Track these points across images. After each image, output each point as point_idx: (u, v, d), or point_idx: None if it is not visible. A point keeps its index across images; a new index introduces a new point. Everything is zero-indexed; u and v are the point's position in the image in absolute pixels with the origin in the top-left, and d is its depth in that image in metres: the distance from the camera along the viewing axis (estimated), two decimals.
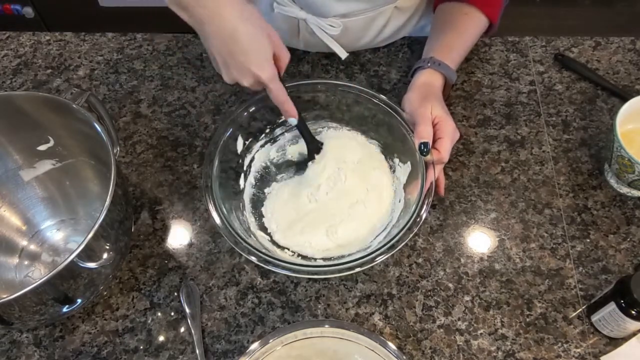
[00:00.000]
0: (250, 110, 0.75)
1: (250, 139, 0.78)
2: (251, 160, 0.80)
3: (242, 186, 0.78)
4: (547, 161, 0.82)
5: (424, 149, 0.69)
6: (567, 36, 0.95)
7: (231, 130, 0.74)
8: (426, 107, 0.72)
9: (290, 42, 0.93)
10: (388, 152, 0.78)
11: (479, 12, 0.80)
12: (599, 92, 0.89)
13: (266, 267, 0.64)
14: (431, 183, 0.68)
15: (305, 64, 0.93)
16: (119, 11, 1.68)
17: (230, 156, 0.75)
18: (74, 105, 0.67)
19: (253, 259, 0.64)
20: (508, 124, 0.86)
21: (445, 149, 0.71)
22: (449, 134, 0.72)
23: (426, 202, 0.67)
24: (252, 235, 0.72)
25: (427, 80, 0.77)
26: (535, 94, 0.89)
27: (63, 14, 1.74)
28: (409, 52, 0.94)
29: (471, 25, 0.81)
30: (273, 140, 0.81)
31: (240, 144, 0.77)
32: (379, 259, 0.64)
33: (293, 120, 0.71)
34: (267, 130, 0.80)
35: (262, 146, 0.80)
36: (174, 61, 0.95)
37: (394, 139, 0.77)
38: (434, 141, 0.72)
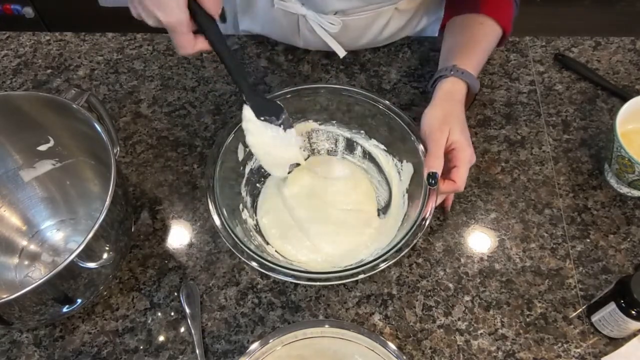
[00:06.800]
0: None
1: None
2: (252, 167, 0.79)
3: (243, 192, 0.78)
4: (547, 161, 0.82)
5: (432, 180, 0.67)
6: (567, 36, 0.95)
7: (232, 137, 0.73)
8: (443, 132, 0.70)
9: (291, 40, 0.93)
10: (390, 153, 0.78)
11: (493, 22, 0.80)
12: (599, 92, 0.89)
13: (267, 272, 0.63)
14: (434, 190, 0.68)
15: (305, 64, 0.94)
16: (119, 11, 1.67)
17: (232, 163, 0.75)
18: (74, 105, 0.67)
19: (254, 264, 0.64)
20: (508, 124, 0.86)
21: (461, 179, 0.69)
22: (465, 162, 0.69)
23: (430, 207, 0.66)
24: (252, 242, 0.72)
25: (451, 90, 0.75)
26: (535, 94, 0.89)
27: (63, 14, 1.74)
28: (409, 52, 0.94)
29: (488, 34, 0.81)
30: None
31: (241, 152, 0.76)
32: (383, 265, 0.63)
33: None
34: None
35: None
36: (174, 61, 0.95)
37: (394, 140, 0.76)
38: (450, 168, 0.70)
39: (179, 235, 0.77)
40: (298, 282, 0.66)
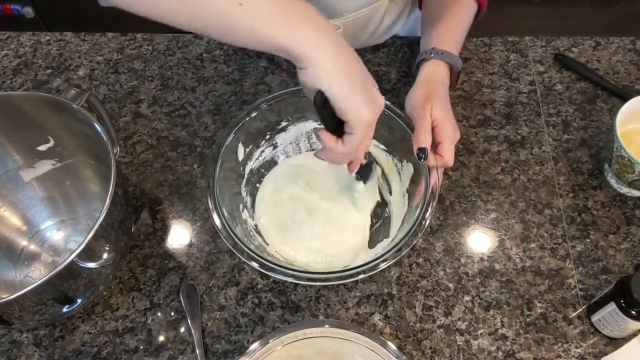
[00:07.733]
0: (252, 116, 0.75)
1: (250, 146, 0.78)
2: (252, 168, 0.79)
3: (243, 193, 0.77)
4: (547, 161, 0.82)
5: (421, 154, 0.69)
6: (567, 36, 0.95)
7: (232, 137, 0.73)
8: (425, 109, 0.71)
9: None
10: (390, 152, 0.78)
11: None
12: (599, 92, 0.89)
13: (267, 272, 0.64)
14: (434, 186, 0.68)
15: None
16: (119, 11, 1.68)
17: (232, 163, 0.75)
18: (74, 105, 0.67)
19: (254, 264, 0.64)
20: (508, 124, 0.86)
21: (447, 153, 0.70)
22: (449, 137, 0.71)
23: (430, 205, 0.67)
24: (252, 242, 0.72)
25: (433, 72, 0.77)
26: (535, 94, 0.89)
27: (63, 14, 1.74)
28: (408, 52, 0.94)
29: (463, 10, 0.81)
30: (274, 146, 0.81)
31: (241, 152, 0.76)
32: (383, 265, 0.63)
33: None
34: (268, 137, 0.79)
35: (262, 153, 0.80)
36: (174, 61, 0.95)
37: (394, 140, 0.76)
38: (436, 145, 0.71)
39: (179, 235, 0.77)
40: (298, 282, 0.66)
